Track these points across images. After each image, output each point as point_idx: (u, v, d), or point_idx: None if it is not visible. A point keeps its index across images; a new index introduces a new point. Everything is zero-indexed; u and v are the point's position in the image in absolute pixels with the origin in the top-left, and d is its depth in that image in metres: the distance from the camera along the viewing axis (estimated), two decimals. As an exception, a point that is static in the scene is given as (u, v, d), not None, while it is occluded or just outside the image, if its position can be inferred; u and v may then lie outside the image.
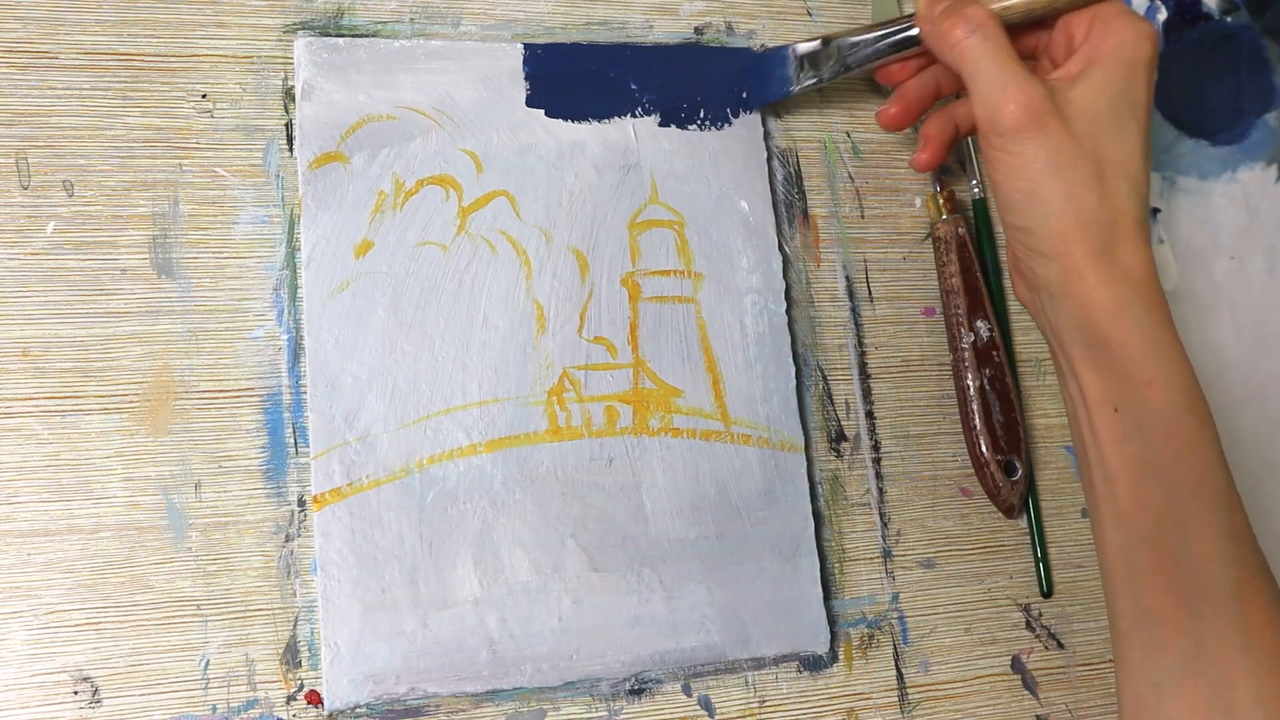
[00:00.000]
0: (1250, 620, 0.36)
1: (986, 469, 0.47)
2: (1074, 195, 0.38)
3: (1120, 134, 0.38)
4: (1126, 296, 0.37)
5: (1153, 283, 0.38)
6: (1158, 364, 0.37)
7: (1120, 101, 0.38)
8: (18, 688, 0.37)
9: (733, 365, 0.45)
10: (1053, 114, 0.37)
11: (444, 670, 0.40)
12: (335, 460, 0.40)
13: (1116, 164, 0.38)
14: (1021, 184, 0.39)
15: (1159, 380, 0.37)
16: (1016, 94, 0.37)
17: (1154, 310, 0.38)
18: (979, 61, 0.39)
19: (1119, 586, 0.39)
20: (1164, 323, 0.38)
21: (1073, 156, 0.37)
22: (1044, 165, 0.38)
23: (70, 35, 0.42)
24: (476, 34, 0.46)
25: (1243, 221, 0.54)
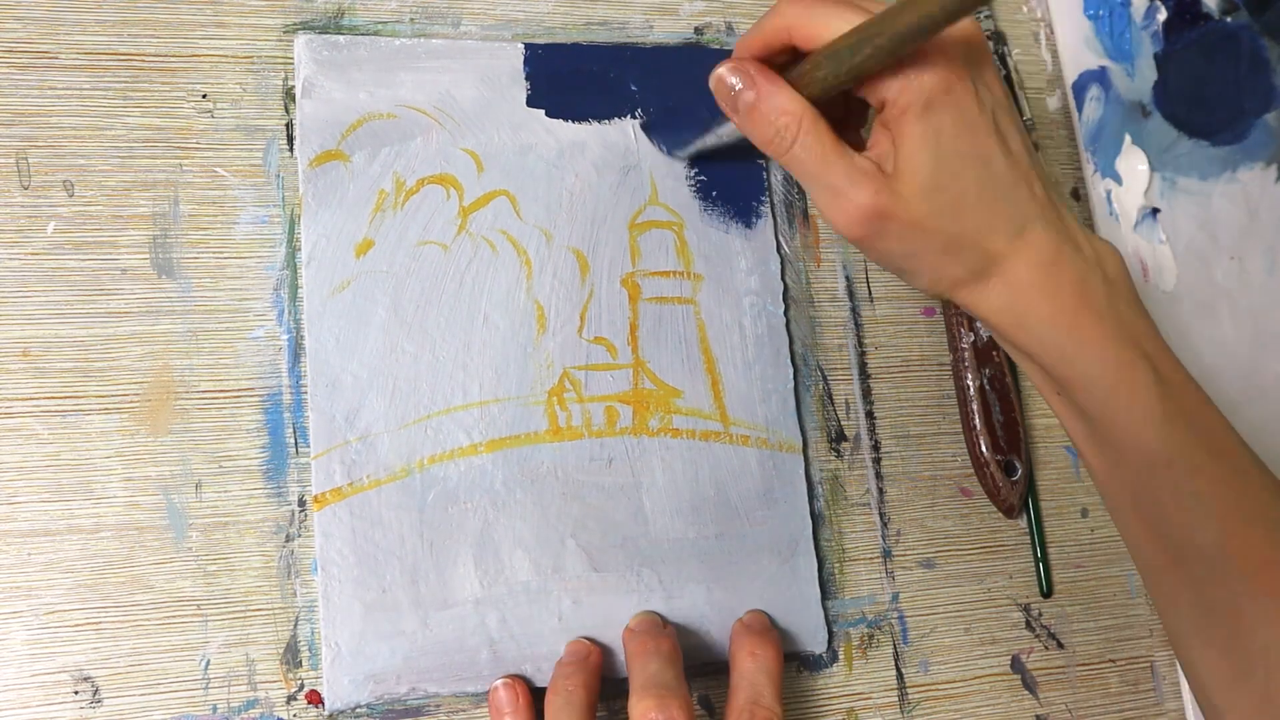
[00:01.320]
0: (1244, 570, 0.36)
1: (986, 469, 0.47)
2: (937, 262, 0.37)
3: (958, 186, 0.36)
4: (1014, 318, 0.37)
5: (1044, 290, 0.36)
6: (1069, 366, 0.37)
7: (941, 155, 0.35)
8: (18, 688, 0.37)
9: (732, 366, 0.45)
10: (887, 208, 0.35)
11: (444, 670, 0.40)
12: (336, 460, 0.40)
13: (969, 212, 0.36)
14: (890, 266, 0.39)
15: (1076, 377, 0.37)
16: (847, 207, 0.36)
17: (1050, 317, 0.36)
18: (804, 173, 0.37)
19: (1126, 543, 0.40)
20: (1066, 324, 0.36)
21: (919, 237, 0.36)
22: (901, 252, 0.37)
23: (70, 35, 0.42)
24: (477, 34, 0.46)
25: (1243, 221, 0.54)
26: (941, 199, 0.36)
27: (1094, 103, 0.53)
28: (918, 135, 0.35)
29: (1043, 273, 0.36)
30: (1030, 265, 0.36)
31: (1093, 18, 0.54)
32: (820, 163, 0.36)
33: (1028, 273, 0.36)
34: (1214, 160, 0.54)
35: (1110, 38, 0.54)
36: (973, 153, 0.36)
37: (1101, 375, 0.36)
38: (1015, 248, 0.36)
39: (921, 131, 0.35)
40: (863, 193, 0.35)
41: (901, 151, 0.36)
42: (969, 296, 0.37)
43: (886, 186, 0.36)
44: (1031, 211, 0.37)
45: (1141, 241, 0.52)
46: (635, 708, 0.36)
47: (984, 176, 0.36)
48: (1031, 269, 0.36)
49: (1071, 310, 0.36)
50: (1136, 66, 0.54)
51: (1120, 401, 0.36)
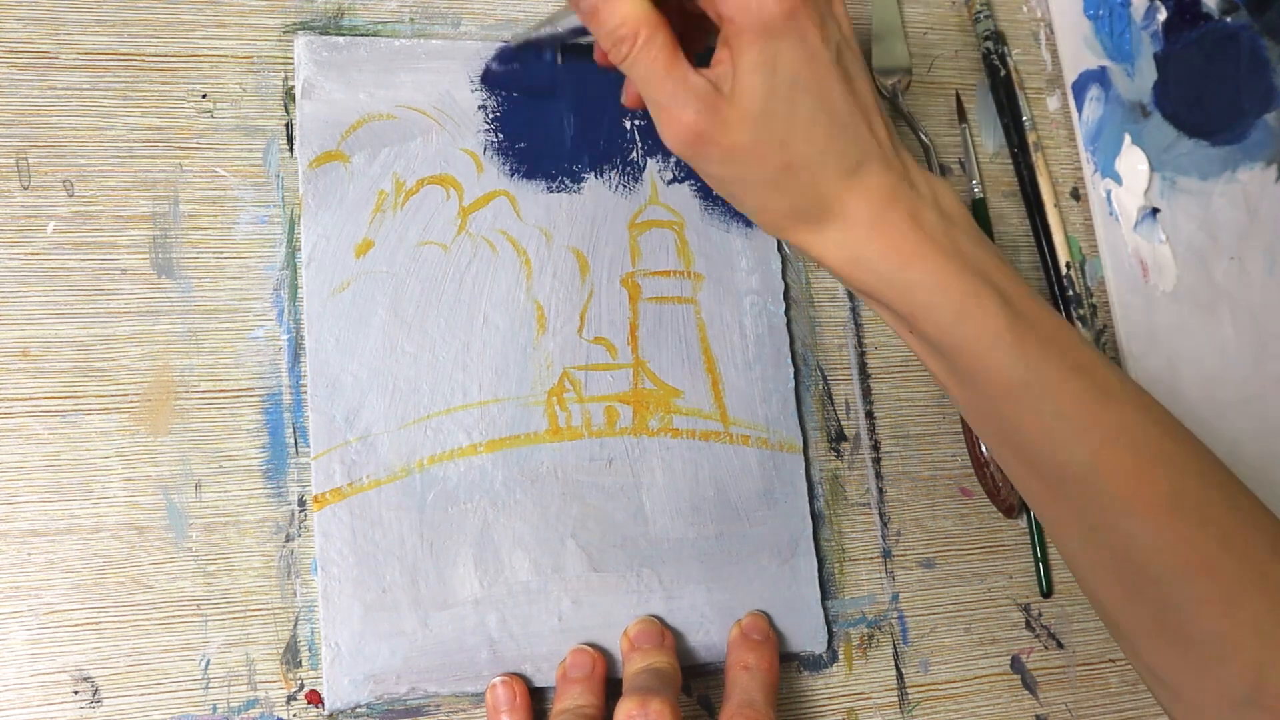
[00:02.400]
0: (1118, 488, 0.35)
1: (986, 469, 0.47)
2: (766, 193, 0.36)
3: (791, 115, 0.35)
4: (849, 255, 0.36)
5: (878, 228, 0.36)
6: (908, 299, 0.36)
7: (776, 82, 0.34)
8: (18, 688, 0.37)
9: (732, 366, 0.45)
10: (713, 130, 0.35)
11: (444, 670, 0.40)
12: (336, 460, 0.40)
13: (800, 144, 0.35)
14: (720, 191, 0.38)
15: (917, 313, 0.36)
16: (672, 121, 0.35)
17: (886, 254, 0.36)
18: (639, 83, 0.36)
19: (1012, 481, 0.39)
20: (905, 257, 0.36)
21: (746, 162, 0.35)
22: (724, 177, 0.36)
23: (70, 35, 0.42)
24: (477, 34, 0.46)
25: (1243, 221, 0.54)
26: (771, 128, 0.35)
27: (1094, 103, 0.53)
28: (754, 59, 0.34)
29: (877, 210, 0.36)
30: (864, 203, 0.36)
31: (1093, 18, 0.54)
32: (653, 77, 0.35)
33: (862, 210, 0.36)
34: (1214, 160, 0.54)
35: (1110, 38, 0.54)
36: (810, 84, 0.35)
37: (945, 304, 0.36)
38: (849, 186, 0.36)
39: (758, 56, 0.34)
40: (685, 111, 0.35)
41: (737, 73, 0.35)
42: (804, 237, 0.37)
43: (711, 108, 0.35)
44: (869, 150, 0.36)
45: (1141, 241, 0.52)
46: (618, 710, 0.37)
47: (819, 110, 0.35)
48: (866, 206, 0.36)
49: (908, 244, 0.36)
50: (1136, 66, 0.54)
51: (969, 329, 0.36)
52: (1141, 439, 0.36)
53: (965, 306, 0.36)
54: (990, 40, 0.53)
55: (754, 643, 0.41)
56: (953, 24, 0.53)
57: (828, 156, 0.35)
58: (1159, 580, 0.35)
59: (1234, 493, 0.36)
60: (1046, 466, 0.36)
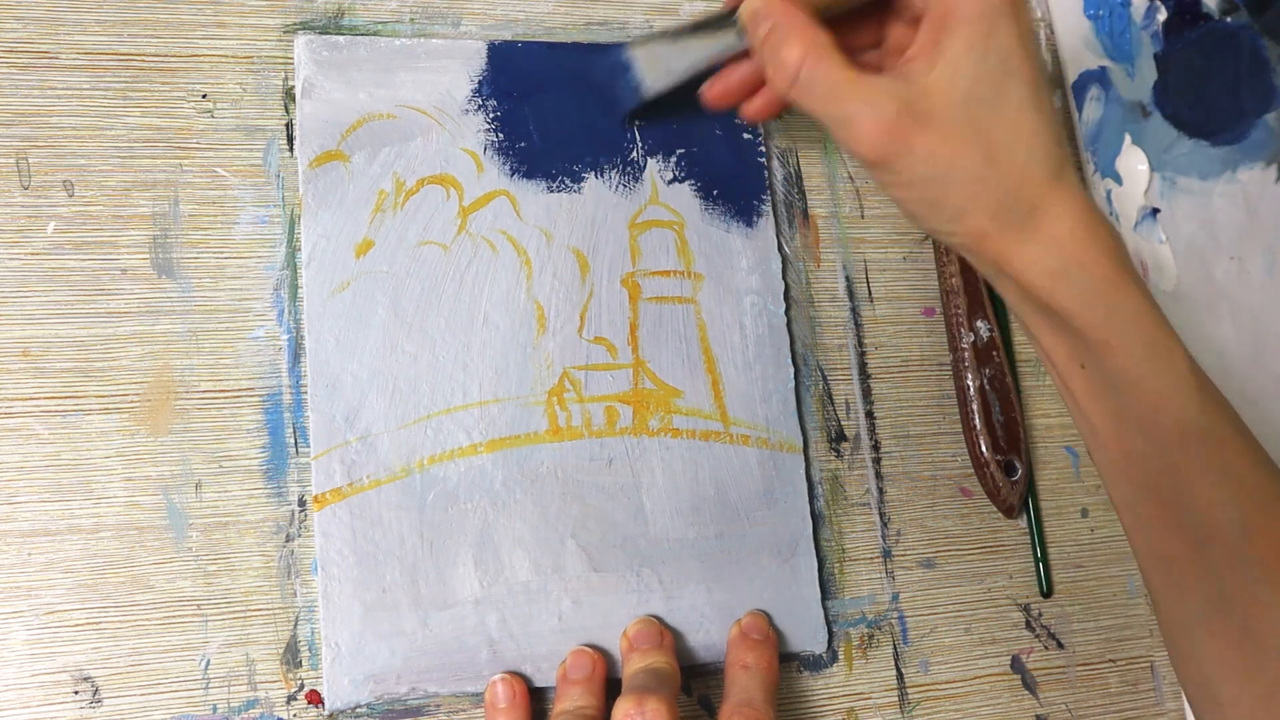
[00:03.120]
0: (1265, 555, 0.34)
1: (986, 469, 0.47)
2: (969, 192, 0.34)
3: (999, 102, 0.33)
4: (1057, 266, 0.34)
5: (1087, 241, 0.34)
6: (1108, 325, 0.34)
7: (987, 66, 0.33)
8: (18, 688, 0.37)
9: (732, 366, 0.45)
10: (912, 127, 0.33)
11: (444, 670, 0.40)
12: (336, 460, 0.40)
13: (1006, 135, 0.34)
14: (912, 198, 0.36)
15: (1114, 341, 0.34)
16: (866, 127, 0.33)
17: (1094, 268, 0.34)
18: (814, 104, 0.35)
19: (1133, 536, 0.38)
20: (1109, 279, 0.34)
21: (951, 157, 0.34)
22: (925, 178, 0.34)
23: (70, 35, 0.42)
24: (477, 34, 0.46)
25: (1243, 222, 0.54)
26: (979, 117, 0.33)
27: (1094, 103, 0.53)
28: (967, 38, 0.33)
29: (1084, 222, 0.34)
30: (1070, 213, 0.34)
31: (1093, 18, 0.54)
32: (837, 90, 0.34)
33: (1070, 220, 0.34)
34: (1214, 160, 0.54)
35: (1110, 38, 0.54)
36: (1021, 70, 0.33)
37: (1142, 335, 0.34)
38: (1055, 191, 0.34)
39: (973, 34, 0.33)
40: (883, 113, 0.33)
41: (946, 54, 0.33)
42: (1005, 245, 0.35)
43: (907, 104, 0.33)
44: (1066, 154, 0.34)
45: (1141, 241, 0.52)
46: (616, 710, 0.36)
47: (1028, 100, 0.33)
48: (1072, 217, 0.34)
49: (1113, 264, 0.34)
50: (1136, 66, 0.54)
51: (1160, 365, 0.34)
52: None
53: (1158, 342, 0.34)
54: (990, 40, 0.52)
55: (753, 642, 0.41)
56: (953, 24, 0.53)
57: (1034, 153, 0.34)
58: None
59: None
60: (1196, 523, 0.35)
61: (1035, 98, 0.34)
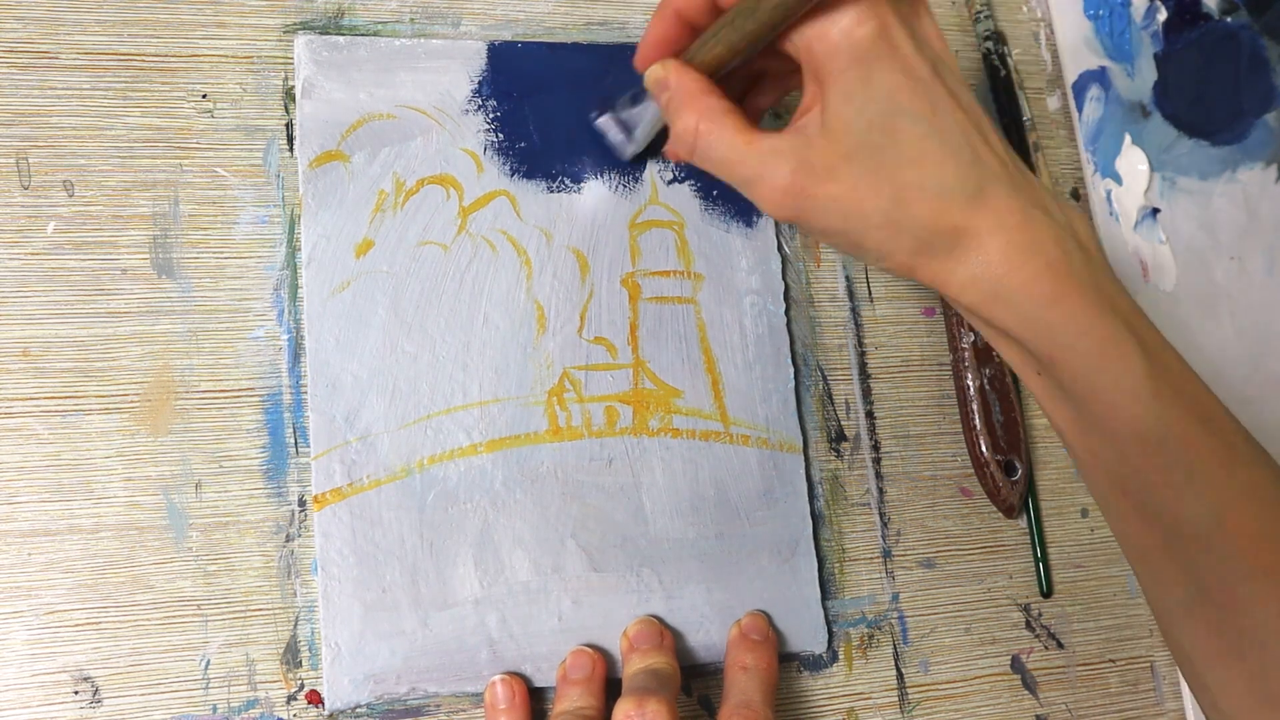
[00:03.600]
0: (1240, 550, 0.34)
1: (986, 469, 0.47)
2: (885, 234, 0.34)
3: (893, 142, 0.33)
4: (990, 290, 0.34)
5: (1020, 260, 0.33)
6: (1051, 341, 0.34)
7: (872, 111, 0.33)
8: (18, 688, 0.37)
9: (732, 366, 0.45)
10: (811, 183, 0.33)
11: (444, 670, 0.40)
12: (336, 460, 0.40)
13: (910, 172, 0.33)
14: (836, 244, 0.36)
15: (1059, 353, 0.34)
16: (767, 188, 0.34)
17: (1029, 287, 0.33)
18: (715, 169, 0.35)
19: (1112, 527, 0.38)
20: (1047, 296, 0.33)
21: (857, 204, 0.33)
22: (837, 228, 0.34)
23: (70, 35, 0.42)
24: (477, 34, 0.46)
25: (1243, 222, 0.54)
26: (876, 161, 0.33)
27: (1094, 103, 0.53)
28: (845, 88, 0.32)
29: (1013, 240, 0.33)
30: (997, 232, 0.33)
31: (1093, 18, 0.54)
32: (733, 156, 0.34)
33: (997, 240, 0.33)
34: (1214, 160, 0.54)
35: (1110, 38, 0.54)
36: (912, 106, 0.33)
37: (1087, 350, 0.34)
38: (977, 214, 0.33)
39: (850, 83, 0.32)
40: (779, 174, 0.33)
41: (830, 105, 0.33)
42: (930, 274, 0.34)
43: (804, 161, 0.33)
44: (989, 172, 0.33)
45: (1141, 241, 0.52)
46: (616, 711, 0.36)
47: (927, 133, 0.33)
48: (999, 237, 0.33)
49: (1050, 280, 0.33)
50: (1136, 66, 0.54)
51: (1108, 377, 0.34)
52: (1270, 502, 0.34)
53: (1106, 353, 0.34)
54: (990, 40, 0.53)
55: (753, 643, 0.41)
56: (953, 24, 0.53)
57: (945, 180, 0.33)
58: (1265, 645, 0.34)
59: None
60: (1166, 521, 0.35)
61: (933, 127, 0.33)
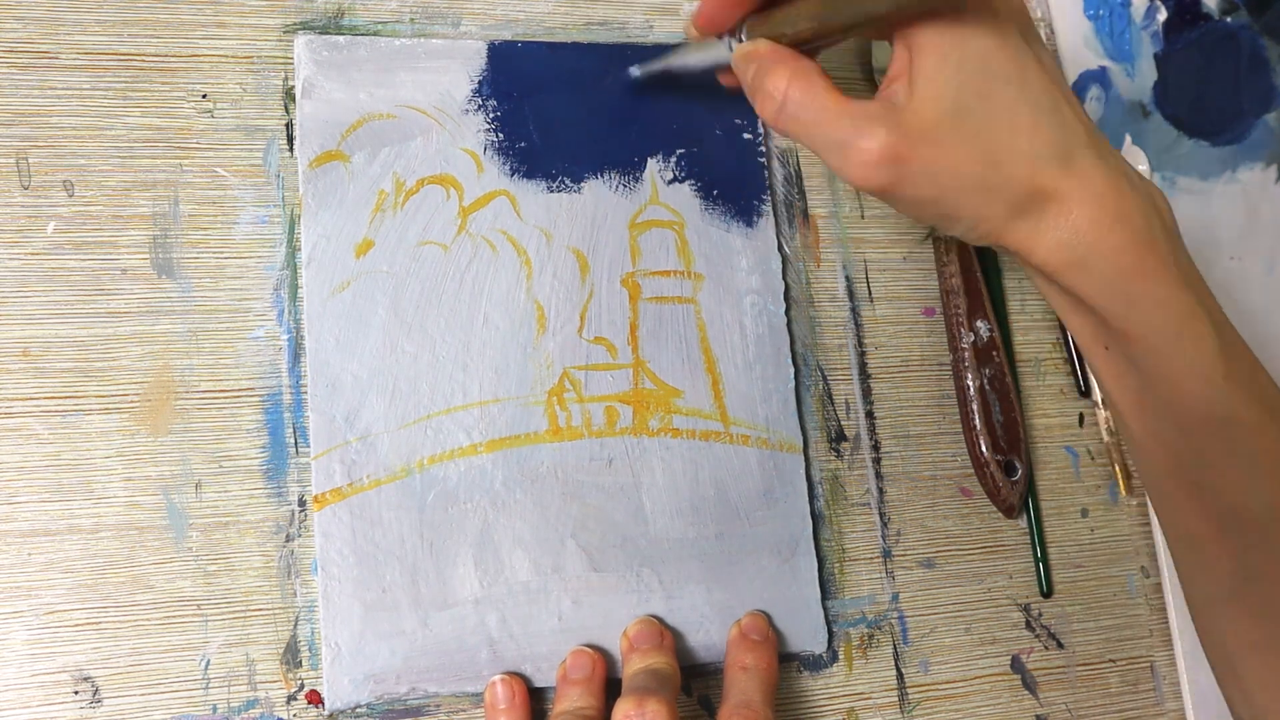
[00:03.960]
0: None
1: (986, 469, 0.47)
2: (979, 199, 0.33)
3: (987, 106, 0.33)
4: (1075, 256, 0.33)
5: (1107, 227, 0.33)
6: (1129, 313, 0.34)
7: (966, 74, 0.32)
8: (18, 688, 0.37)
9: (732, 366, 0.45)
10: (906, 147, 0.32)
11: (444, 670, 0.40)
12: (336, 460, 0.40)
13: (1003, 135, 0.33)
14: (924, 215, 0.36)
15: (1136, 326, 0.34)
16: (861, 151, 0.33)
17: (1114, 256, 0.33)
18: (805, 136, 0.34)
19: (1160, 512, 0.38)
20: (1131, 266, 0.33)
21: (952, 170, 0.33)
22: (930, 197, 0.34)
23: (70, 35, 0.42)
24: (477, 34, 0.46)
25: (1242, 222, 0.54)
26: (970, 125, 0.32)
27: (1094, 103, 0.53)
28: (940, 52, 0.32)
29: (1102, 207, 0.33)
30: (1086, 199, 0.33)
31: (1093, 18, 0.54)
32: (825, 118, 0.33)
33: (1086, 207, 0.33)
34: (1214, 160, 0.54)
35: (1110, 38, 0.54)
36: (1004, 69, 0.32)
37: (1164, 325, 0.33)
38: (1067, 179, 0.33)
39: (944, 47, 0.32)
40: (875, 137, 0.32)
41: (922, 71, 0.32)
42: (1019, 238, 0.34)
43: (900, 124, 0.32)
44: (1078, 138, 0.33)
45: (1141, 241, 0.52)
46: (616, 711, 0.36)
47: (1019, 96, 0.33)
48: (1088, 203, 0.33)
49: (1135, 251, 0.33)
50: (1136, 66, 0.54)
51: (1182, 355, 0.34)
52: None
53: (1182, 330, 0.33)
54: (990, 40, 0.52)
55: (752, 643, 0.41)
56: (953, 24, 0.53)
57: (1036, 144, 0.33)
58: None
59: None
60: (1223, 506, 0.35)
61: (1028, 92, 0.33)
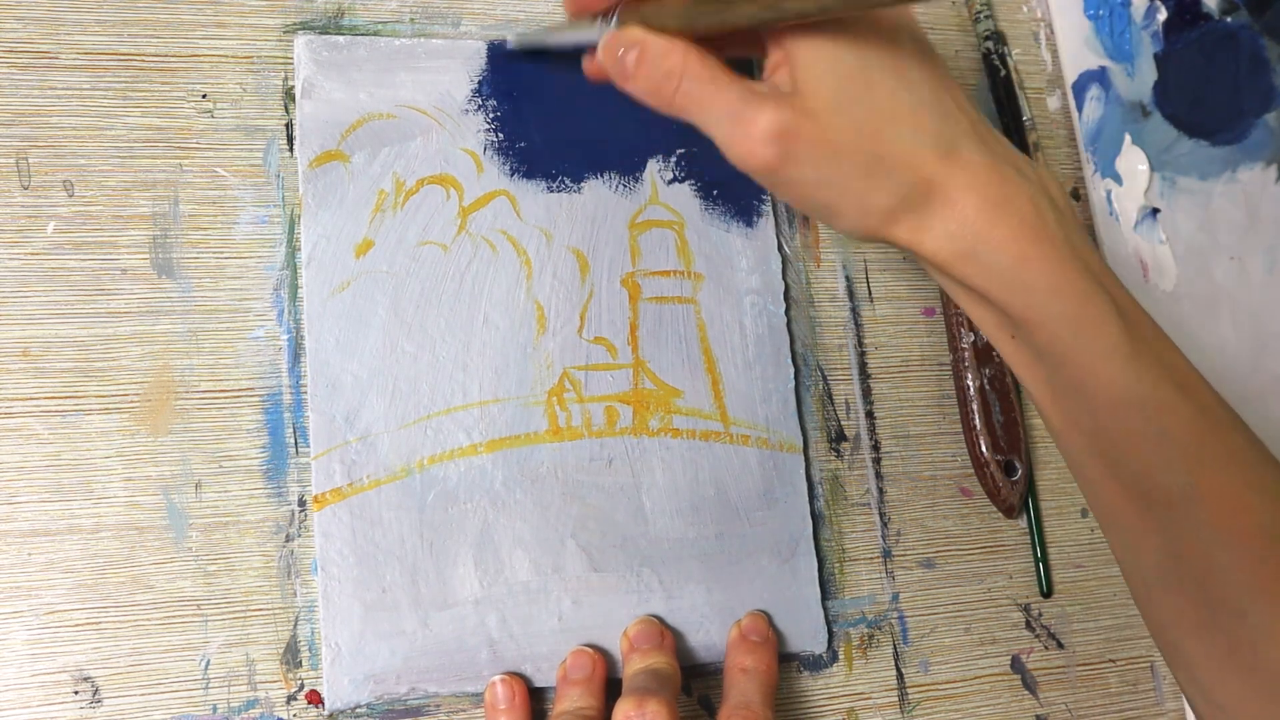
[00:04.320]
0: (1216, 516, 0.34)
1: (986, 469, 0.47)
2: (862, 188, 0.33)
3: (868, 94, 0.32)
4: (964, 247, 0.33)
5: (994, 217, 0.33)
6: (1025, 301, 0.33)
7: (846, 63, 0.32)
8: (18, 688, 0.37)
9: (732, 366, 0.45)
10: (794, 127, 0.32)
11: (444, 670, 0.40)
12: (336, 460, 0.40)
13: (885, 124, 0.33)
14: (809, 204, 0.35)
15: (1034, 312, 0.34)
16: (746, 131, 0.33)
17: (1004, 245, 0.33)
18: (698, 111, 0.34)
19: (1086, 496, 0.38)
20: (1022, 255, 0.33)
21: (836, 157, 0.33)
22: (820, 180, 0.33)
23: (70, 35, 0.42)
24: (477, 34, 0.46)
25: (1242, 221, 0.54)
26: (855, 112, 0.32)
27: (1094, 103, 0.53)
28: (814, 46, 0.32)
29: (987, 197, 0.33)
30: (971, 189, 0.33)
31: (1093, 18, 0.54)
32: (713, 97, 0.33)
33: (970, 197, 0.33)
34: (1214, 160, 0.54)
35: (1110, 37, 0.54)
36: (881, 61, 0.33)
37: (1063, 309, 0.33)
38: (949, 169, 0.33)
39: (818, 42, 0.32)
40: (762, 115, 0.32)
41: (801, 62, 0.32)
42: (905, 231, 0.34)
43: (786, 105, 0.32)
44: (960, 128, 0.33)
45: (1141, 241, 0.52)
46: (616, 711, 0.36)
47: (898, 87, 0.33)
48: (974, 193, 0.33)
49: (1025, 238, 0.33)
50: (1136, 66, 0.54)
51: (1084, 337, 0.33)
52: (1245, 466, 0.34)
53: (1083, 313, 0.33)
54: (990, 40, 0.53)
55: (752, 644, 0.41)
56: (953, 24, 0.53)
57: (920, 134, 0.33)
58: (1243, 613, 0.33)
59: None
60: (1141, 486, 0.35)
61: (904, 81, 0.33)
